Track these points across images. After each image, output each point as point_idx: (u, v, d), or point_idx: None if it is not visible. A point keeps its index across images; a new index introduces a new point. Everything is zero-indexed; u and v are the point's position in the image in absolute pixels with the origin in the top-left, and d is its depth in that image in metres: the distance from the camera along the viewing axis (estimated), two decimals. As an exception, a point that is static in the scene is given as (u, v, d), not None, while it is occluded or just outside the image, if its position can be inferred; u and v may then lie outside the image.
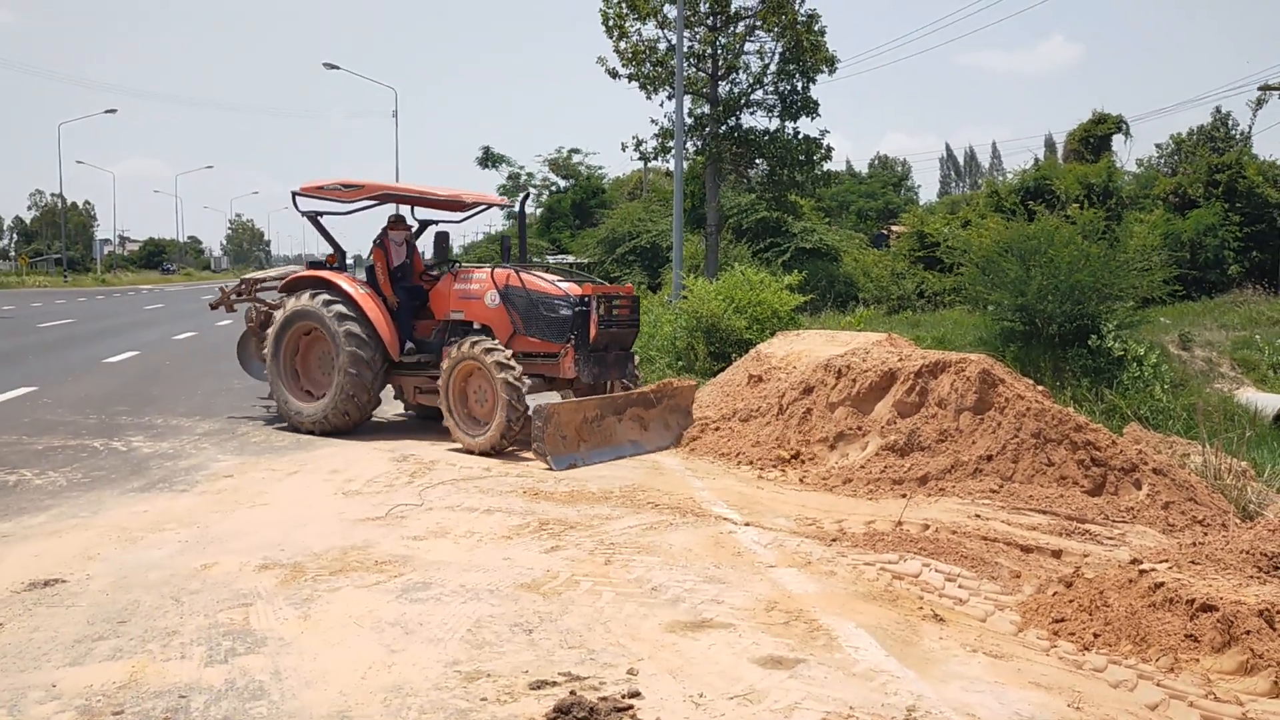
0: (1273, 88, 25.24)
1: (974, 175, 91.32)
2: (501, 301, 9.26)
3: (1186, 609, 4.42)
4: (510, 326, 9.22)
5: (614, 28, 27.04)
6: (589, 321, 8.93)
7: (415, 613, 4.62)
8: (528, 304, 9.16)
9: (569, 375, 9.03)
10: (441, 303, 9.78)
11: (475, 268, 9.96)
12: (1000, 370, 8.17)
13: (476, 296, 9.50)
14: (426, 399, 9.50)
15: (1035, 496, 6.89)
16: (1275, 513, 7.23)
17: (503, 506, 6.69)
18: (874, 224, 47.25)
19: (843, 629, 4.48)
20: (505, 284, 9.29)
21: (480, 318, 9.45)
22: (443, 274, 9.94)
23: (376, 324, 9.47)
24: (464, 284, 9.65)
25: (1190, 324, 18.45)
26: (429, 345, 9.70)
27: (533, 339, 9.15)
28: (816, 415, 8.45)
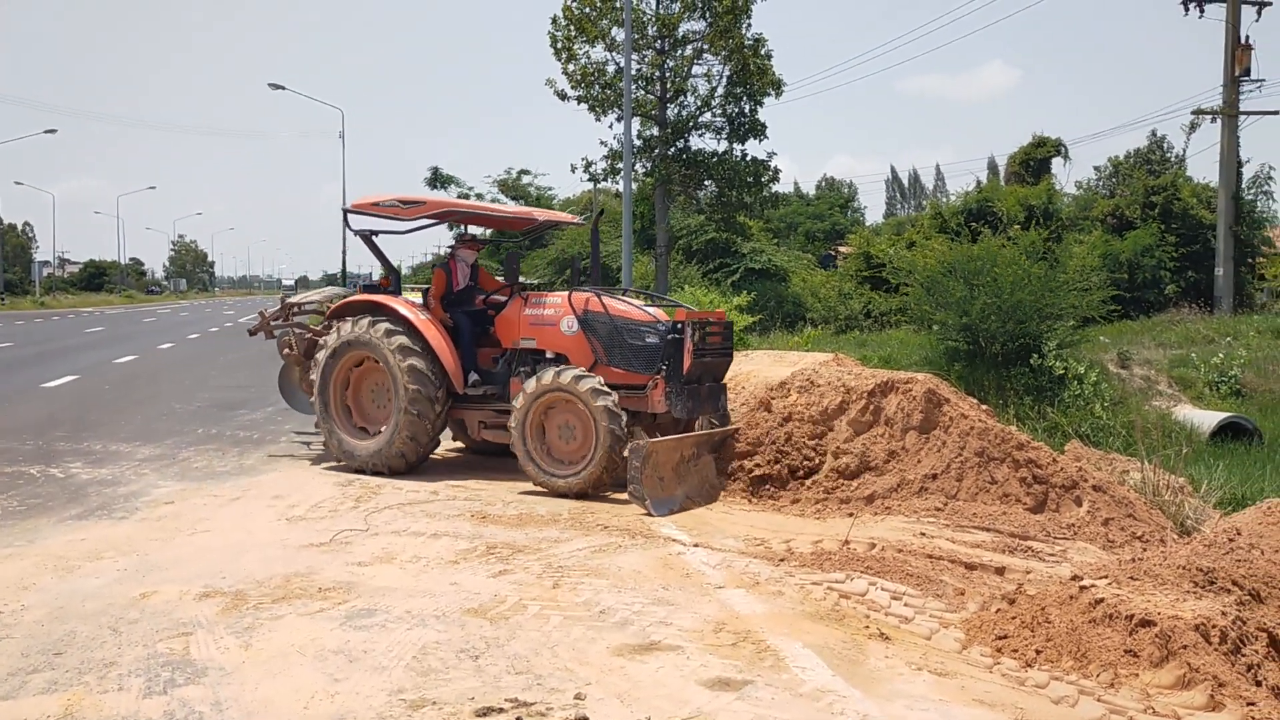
0: (1205, 112, 25.89)
1: (918, 197, 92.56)
2: (580, 328, 8.47)
3: (1126, 624, 4.50)
4: (590, 356, 8.43)
5: (562, 50, 27.15)
6: (683, 350, 8.04)
7: (359, 640, 4.56)
8: (611, 331, 8.37)
9: (659, 410, 8.20)
10: (509, 329, 8.91)
11: (548, 291, 9.18)
12: (945, 390, 8.29)
13: (551, 323, 8.67)
14: (493, 435, 8.71)
15: (979, 514, 6.99)
16: (1211, 528, 7.39)
17: (450, 531, 6.64)
18: (821, 245, 47.71)
19: (790, 649, 4.49)
20: (585, 309, 8.51)
21: (555, 346, 8.65)
22: (511, 298, 9.08)
23: (441, 355, 8.65)
24: (536, 309, 8.78)
25: (1129, 343, 18.83)
26: (494, 376, 8.91)
27: (616, 369, 8.31)
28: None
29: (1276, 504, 7.51)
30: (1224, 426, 14.22)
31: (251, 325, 11.31)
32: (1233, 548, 5.57)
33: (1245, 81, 25.12)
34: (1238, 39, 25.00)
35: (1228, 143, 25.25)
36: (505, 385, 8.75)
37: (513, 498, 7.76)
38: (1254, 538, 6.71)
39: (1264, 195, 29.51)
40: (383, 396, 8.94)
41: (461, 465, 9.47)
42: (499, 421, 8.60)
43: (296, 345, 10.28)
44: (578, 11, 26.72)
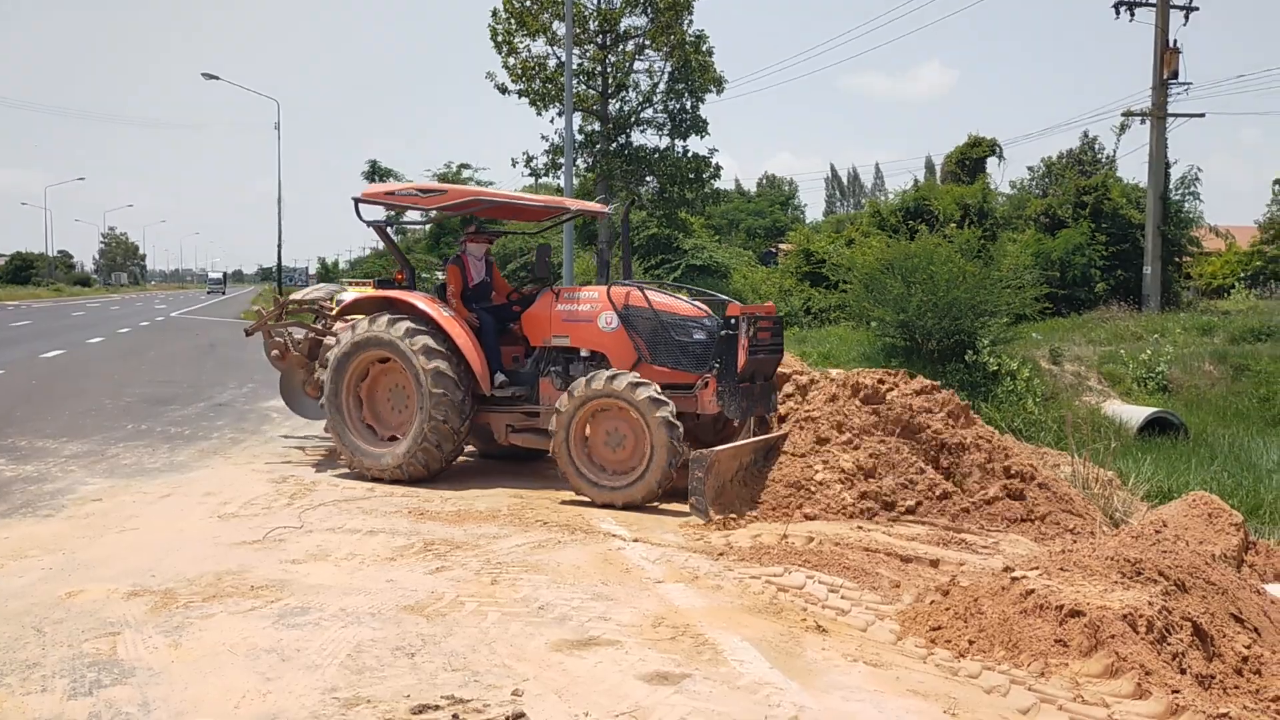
0: (1135, 114, 26.52)
1: (858, 195, 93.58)
2: (621, 324, 8.00)
3: (1056, 615, 4.58)
4: (633, 354, 7.97)
5: (503, 43, 26.99)
6: (737, 347, 7.58)
7: (292, 639, 4.49)
8: (656, 327, 7.93)
9: (709, 410, 7.77)
10: (539, 326, 8.42)
11: (581, 286, 8.70)
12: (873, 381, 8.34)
13: (587, 319, 8.18)
14: (522, 439, 8.23)
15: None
16: (1139, 520, 7.56)
17: (386, 528, 6.56)
18: (762, 242, 48.11)
19: (728, 643, 4.51)
20: (625, 304, 8.05)
21: (592, 343, 8.17)
22: (539, 293, 8.60)
23: (467, 355, 8.09)
24: (569, 304, 8.29)
25: (1060, 339, 19.24)
26: (522, 376, 8.44)
27: (661, 368, 7.87)
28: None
29: (1201, 496, 7.72)
30: (1151, 421, 14.59)
31: (249, 327, 10.75)
32: (1159, 539, 5.71)
33: (1173, 84, 25.78)
34: (1166, 42, 25.63)
35: (1156, 144, 25.88)
36: (534, 386, 8.33)
37: (451, 494, 7.70)
38: (1179, 529, 6.91)
39: (1191, 196, 30.28)
40: (401, 400, 8.40)
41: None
42: (528, 425, 8.18)
43: (294, 346, 9.78)
44: (518, 5, 26.57)
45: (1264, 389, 16.07)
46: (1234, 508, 7.82)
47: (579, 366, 8.15)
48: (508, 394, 8.31)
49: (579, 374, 8.05)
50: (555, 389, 8.11)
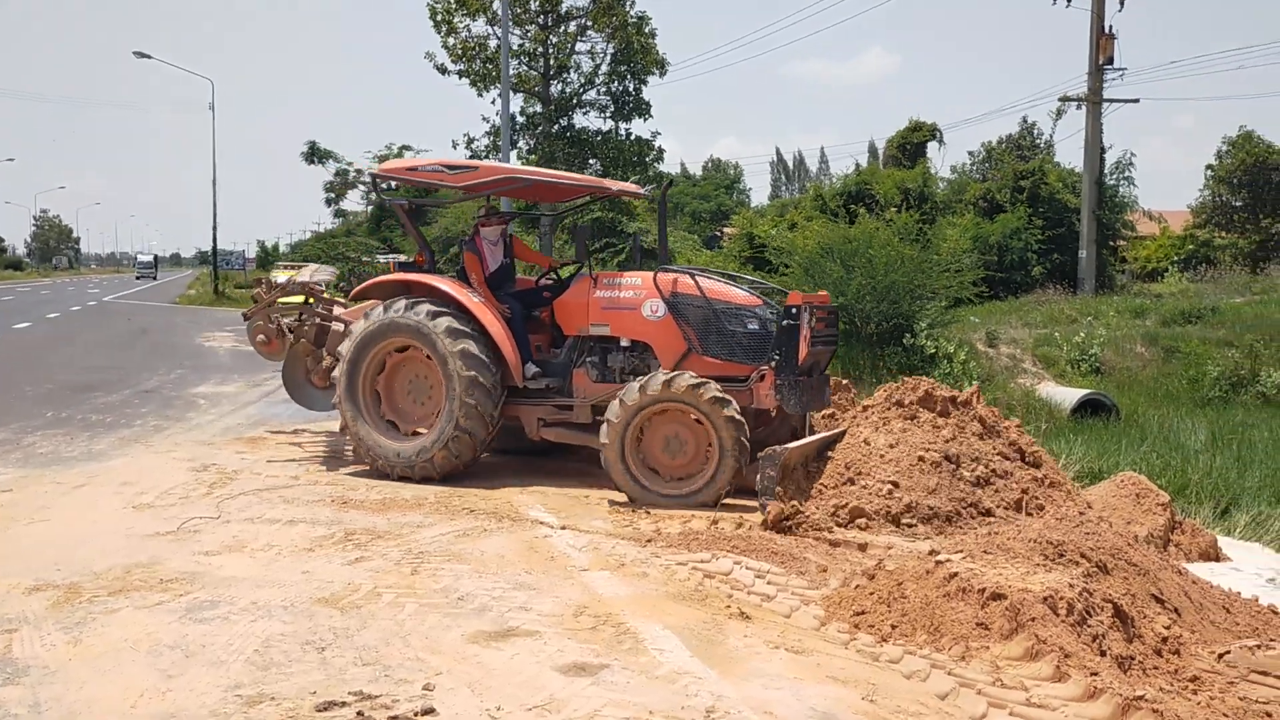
0: (1071, 99, 26.83)
1: (803, 179, 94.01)
2: (669, 313, 7.53)
3: (978, 598, 4.57)
4: (681, 344, 7.49)
5: (443, 23, 26.67)
6: (798, 338, 7.16)
7: (198, 634, 4.33)
8: (708, 316, 7.47)
9: (765, 405, 7.38)
10: (574, 313, 7.90)
11: (620, 271, 8.14)
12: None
13: (630, 306, 7.68)
14: (553, 433, 7.77)
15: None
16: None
17: (308, 517, 6.39)
18: (708, 225, 48.11)
19: (650, 631, 4.44)
20: (674, 291, 7.57)
21: (635, 333, 7.68)
22: (572, 277, 8.14)
23: (500, 343, 7.59)
24: (610, 290, 7.77)
25: (997, 323, 19.42)
26: (554, 367, 7.96)
27: (712, 359, 7.42)
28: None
29: (1129, 477, 7.81)
30: (1084, 403, 14.77)
31: (247, 311, 9.89)
32: (1082, 521, 5.74)
33: (1109, 70, 26.10)
34: (1102, 28, 25.94)
35: (1092, 129, 26.22)
36: (566, 377, 7.87)
37: (377, 482, 7.54)
38: (1106, 510, 6.98)
39: (1126, 180, 30.77)
40: (423, 391, 7.88)
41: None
42: (561, 418, 7.75)
43: (289, 331, 9.14)
44: (458, -16, 26.24)
45: (1193, 370, 16.33)
46: (1162, 488, 7.93)
47: (618, 357, 7.74)
48: (541, 386, 7.83)
49: (618, 365, 7.73)
50: (591, 381, 7.73)
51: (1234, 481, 9.76)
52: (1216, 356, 16.45)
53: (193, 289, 52.70)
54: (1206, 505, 8.96)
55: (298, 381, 9.35)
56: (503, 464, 8.49)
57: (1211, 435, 12.27)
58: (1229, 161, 37.09)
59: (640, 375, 7.39)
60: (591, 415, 7.68)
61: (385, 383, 7.96)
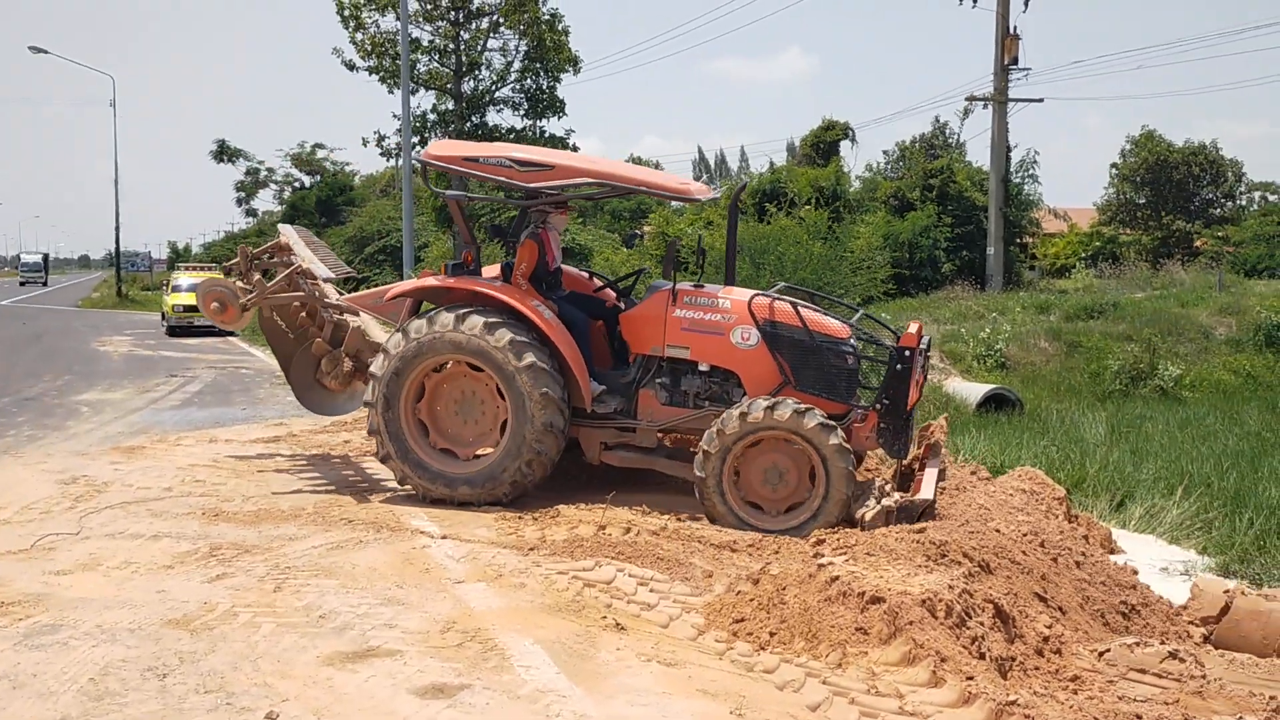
0: (977, 99, 27.26)
1: (725, 177, 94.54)
2: (763, 341, 6.93)
3: (858, 602, 4.46)
4: (775, 376, 6.89)
5: (350, 18, 26.09)
6: (909, 381, 6.64)
7: (32, 661, 4.03)
8: (807, 348, 6.89)
9: (866, 448, 6.93)
10: (647, 331, 7.17)
11: (703, 289, 7.22)
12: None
13: (718, 330, 7.02)
14: (618, 459, 7.20)
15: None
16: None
17: (173, 531, 6.06)
18: (627, 224, 47.94)
19: (518, 647, 4.24)
20: (769, 319, 6.95)
21: (719, 359, 7.05)
22: (649, 290, 7.43)
23: (574, 368, 6.92)
24: (694, 311, 7.06)
25: (907, 319, 19.60)
26: (617, 385, 7.28)
27: (808, 395, 6.79)
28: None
29: (1026, 471, 7.83)
30: (989, 397, 14.94)
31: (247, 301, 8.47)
32: (968, 519, 5.69)
33: (1014, 70, 26.55)
34: (1007, 29, 26.38)
35: (998, 128, 26.66)
36: (632, 399, 7.23)
37: (255, 492, 7.20)
38: (997, 505, 6.95)
39: (1030, 179, 31.44)
40: (473, 410, 7.12)
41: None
42: (624, 441, 7.18)
43: (315, 330, 8.37)
44: (367, -22, 25.72)
45: (1094, 364, 16.64)
46: (1060, 481, 7.97)
47: (694, 381, 7.14)
48: (610, 408, 7.19)
49: (693, 389, 7.16)
50: (659, 403, 7.16)
51: (1130, 474, 9.89)
52: (1117, 351, 16.78)
53: (98, 291, 51.01)
54: (1103, 498, 9.05)
55: (308, 383, 8.58)
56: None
57: (1111, 428, 12.47)
58: (1132, 160, 38.17)
59: (718, 402, 6.99)
60: (657, 439, 7.28)
61: (428, 398, 7.20)
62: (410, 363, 7.00)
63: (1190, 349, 17.58)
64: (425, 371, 7.09)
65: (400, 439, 7.03)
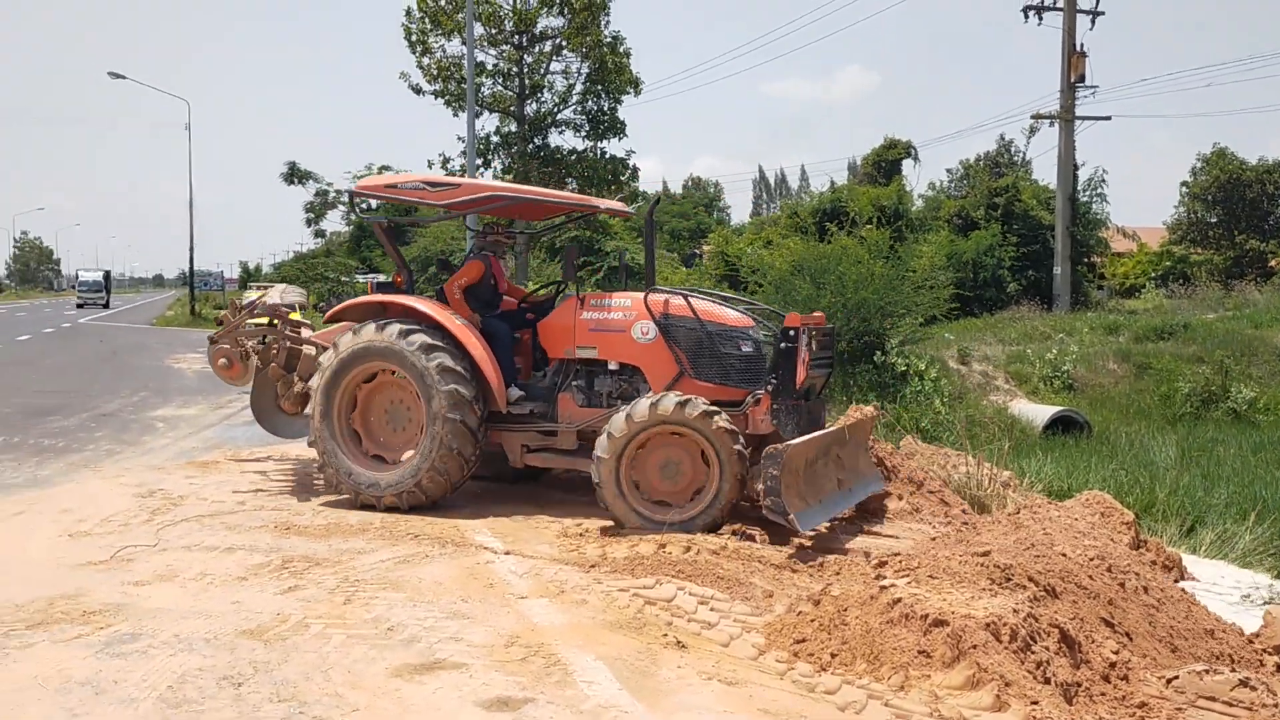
0: (1043, 117, 26.97)
1: (785, 197, 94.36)
2: (660, 335, 7.28)
3: (921, 624, 4.45)
4: (673, 368, 7.24)
5: (417, 43, 26.53)
6: (795, 361, 6.95)
7: (113, 669, 4.17)
8: (701, 338, 7.22)
9: (762, 430, 7.09)
10: (560, 336, 7.62)
11: (608, 292, 7.92)
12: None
13: (619, 328, 7.43)
14: (540, 460, 7.55)
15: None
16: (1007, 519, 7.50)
17: (246, 544, 6.23)
18: (686, 244, 48.15)
19: (581, 662, 4.30)
20: (665, 312, 7.31)
21: (625, 356, 7.42)
22: (559, 298, 7.90)
23: (483, 368, 7.27)
24: (598, 312, 7.51)
25: (971, 340, 19.40)
26: (538, 391, 7.69)
27: (705, 383, 7.15)
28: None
29: (1094, 495, 7.72)
30: (1058, 420, 14.73)
31: (214, 335, 9.28)
32: (1033, 543, 5.63)
33: (1081, 87, 26.24)
34: (1073, 46, 26.10)
35: (1064, 146, 26.33)
36: (551, 402, 7.60)
37: (323, 506, 7.37)
38: (1063, 530, 6.86)
39: (1099, 197, 30.92)
40: (400, 417, 7.56)
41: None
42: (546, 444, 7.50)
43: (270, 357, 8.75)
44: (433, 4, 26.14)
45: (1164, 387, 16.35)
46: (1129, 506, 7.85)
47: (606, 380, 7.49)
48: (526, 411, 7.56)
49: (606, 389, 7.50)
50: (577, 405, 7.50)
51: (1200, 499, 9.69)
52: (1188, 373, 16.46)
53: (172, 310, 52.34)
54: (1173, 523, 8.88)
55: (267, 408, 9.05)
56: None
57: (1181, 452, 12.23)
58: (1203, 178, 37.37)
59: (628, 400, 7.13)
60: (577, 440, 7.48)
61: (362, 411, 7.63)
62: (340, 374, 7.49)
63: (1264, 371, 17.18)
64: (356, 382, 7.56)
65: (334, 447, 7.48)
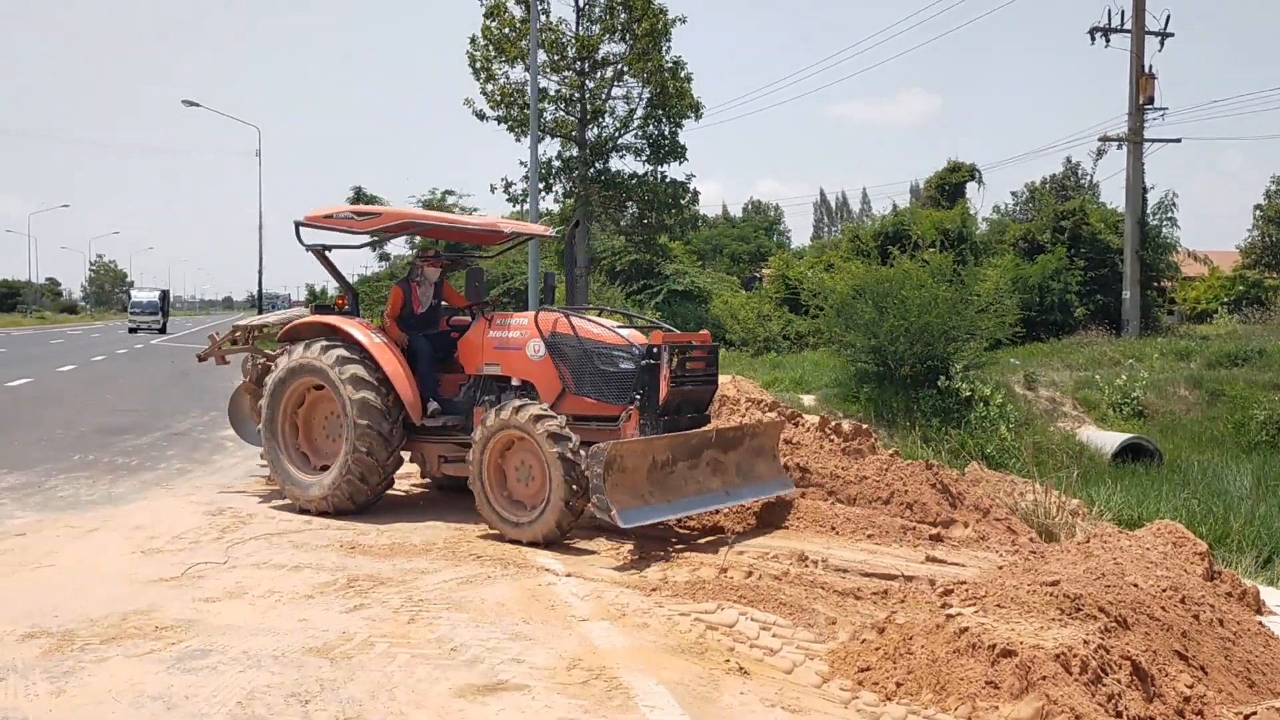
0: (1111, 139, 26.53)
1: (846, 220, 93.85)
2: (548, 353, 7.64)
3: (988, 654, 4.37)
4: (558, 384, 7.63)
5: (481, 70, 26.94)
6: (658, 377, 7.21)
7: (184, 684, 4.26)
8: (581, 356, 7.54)
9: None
10: (472, 354, 8.11)
11: (514, 312, 8.35)
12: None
13: (516, 346, 7.84)
14: (454, 469, 7.96)
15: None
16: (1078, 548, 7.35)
17: (313, 562, 6.32)
18: (746, 267, 48.07)
19: (643, 687, 4.29)
20: (552, 331, 7.69)
21: (520, 372, 7.84)
22: (475, 319, 8.36)
23: (396, 383, 7.81)
24: (501, 331, 7.98)
25: (1038, 365, 19.09)
26: (457, 405, 8.12)
27: (586, 399, 7.51)
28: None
29: (1166, 525, 7.53)
30: (1127, 447, 14.42)
31: (201, 352, 10.34)
32: (1103, 573, 5.51)
33: (1149, 109, 25.78)
34: (1142, 68, 25.68)
35: (1133, 169, 25.87)
36: (468, 415, 7.95)
37: (388, 526, 7.46)
38: (1134, 560, 6.70)
39: (1169, 221, 30.27)
40: (335, 428, 8.10)
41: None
42: (461, 455, 7.86)
43: (252, 370, 9.38)
44: (497, 32, 26.55)
45: (1239, 414, 15.93)
46: (1201, 536, 7.66)
47: (511, 396, 7.73)
48: (439, 423, 8.00)
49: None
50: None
51: (1278, 529, 9.42)
52: (1263, 400, 16.03)
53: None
54: (1249, 554, 8.65)
55: (241, 416, 9.81)
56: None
57: (1257, 481, 11.91)
58: (1278, 201, 36.44)
59: None
60: None
61: (305, 417, 8.33)
62: (280, 389, 8.22)
63: (1345, 399, 16.63)
64: (297, 396, 8.25)
65: (278, 455, 8.19)
